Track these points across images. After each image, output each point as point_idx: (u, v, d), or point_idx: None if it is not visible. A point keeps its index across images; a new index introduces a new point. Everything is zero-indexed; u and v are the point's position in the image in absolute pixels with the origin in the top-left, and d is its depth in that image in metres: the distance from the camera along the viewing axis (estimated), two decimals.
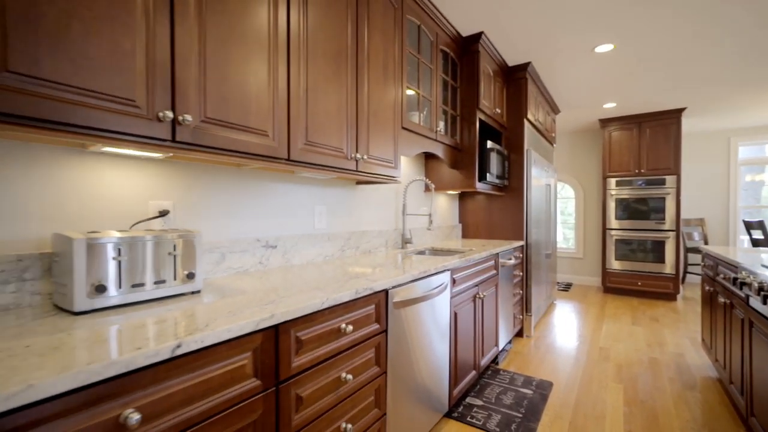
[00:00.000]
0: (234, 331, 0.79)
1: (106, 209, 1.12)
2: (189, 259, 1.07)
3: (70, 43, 0.78)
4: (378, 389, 1.31)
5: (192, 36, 1.00)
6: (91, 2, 0.81)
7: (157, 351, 0.66)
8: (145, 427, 0.66)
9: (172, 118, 0.95)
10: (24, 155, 0.96)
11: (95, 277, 0.88)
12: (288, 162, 1.32)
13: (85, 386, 0.59)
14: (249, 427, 0.85)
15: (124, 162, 1.15)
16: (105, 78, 0.84)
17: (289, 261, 1.71)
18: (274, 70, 1.24)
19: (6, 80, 0.70)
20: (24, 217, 0.96)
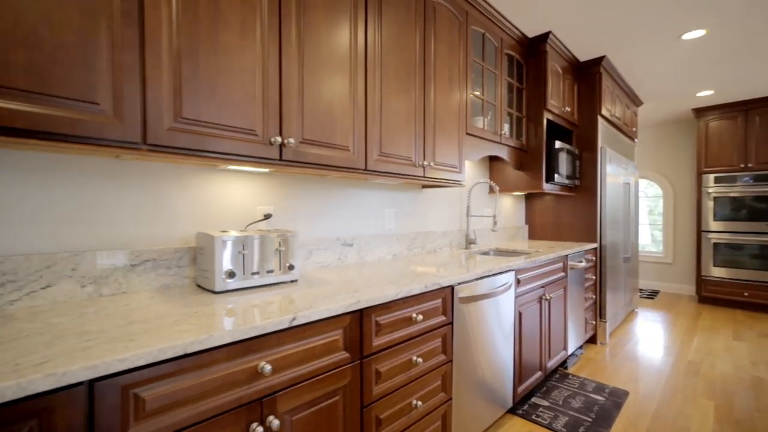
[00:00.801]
0: (331, 311, 1.00)
1: (228, 213, 1.43)
2: (289, 254, 1.33)
3: (218, 93, 1.06)
4: (444, 375, 1.45)
5: (293, 72, 1.25)
6: (230, 64, 1.08)
7: (281, 321, 0.89)
8: (273, 376, 0.89)
9: (280, 142, 1.20)
10: (176, 174, 1.29)
11: (228, 265, 1.16)
12: (365, 172, 1.52)
13: (239, 341, 0.83)
14: (341, 389, 1.06)
15: (240, 176, 1.46)
16: (237, 116, 1.11)
17: (363, 258, 1.93)
18: (354, 90, 1.45)
19: (181, 124, 0.99)
20: (177, 221, 1.29)
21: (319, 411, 1.01)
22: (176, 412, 0.75)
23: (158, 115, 0.96)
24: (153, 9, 0.94)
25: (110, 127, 0.89)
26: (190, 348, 0.75)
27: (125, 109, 0.91)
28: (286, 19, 1.22)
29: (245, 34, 1.12)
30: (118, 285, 1.15)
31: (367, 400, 1.14)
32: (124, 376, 0.68)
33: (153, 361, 0.70)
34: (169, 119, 0.98)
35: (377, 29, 1.55)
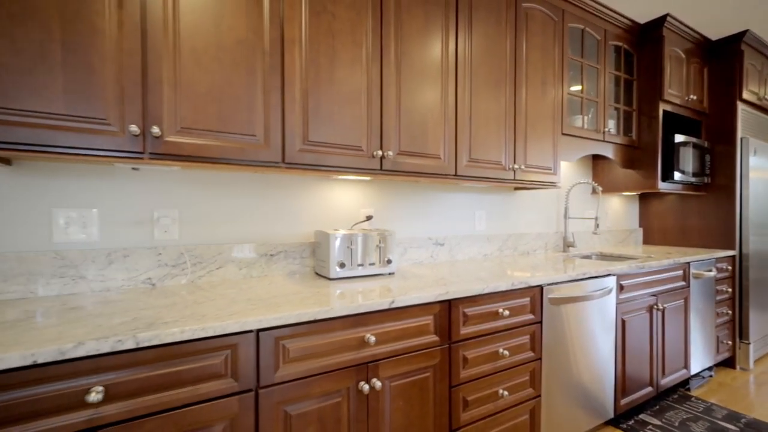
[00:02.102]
0: (422, 299, 1.17)
1: (337, 215, 1.71)
2: (387, 250, 1.54)
3: (334, 119, 1.33)
4: (533, 372, 1.48)
5: (391, 95, 1.46)
6: (342, 94, 1.34)
7: (382, 302, 1.09)
8: (377, 347, 1.10)
9: (381, 155, 1.42)
10: (300, 184, 1.62)
11: (339, 257, 1.43)
12: (455, 177, 1.65)
13: (351, 315, 1.07)
14: (431, 367, 1.22)
15: (347, 184, 1.73)
16: (347, 135, 1.36)
17: (454, 257, 2.05)
18: (445, 102, 1.60)
19: (307, 146, 1.28)
20: (300, 221, 1.62)
21: (413, 382, 1.18)
22: (308, 362, 1.01)
23: (292, 140, 1.26)
24: (290, 60, 1.24)
25: (262, 151, 1.21)
26: (318, 315, 1.00)
27: (271, 138, 1.23)
28: (386, 50, 1.44)
29: (354, 68, 1.37)
30: (262, 269, 1.51)
31: (455, 381, 1.27)
32: (276, 329, 0.96)
33: (294, 322, 0.97)
34: (299, 143, 1.28)
35: (467, 41, 1.67)
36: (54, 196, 1.20)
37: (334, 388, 1.04)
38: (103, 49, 0.99)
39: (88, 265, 1.22)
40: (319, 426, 1.02)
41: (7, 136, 0.89)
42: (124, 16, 1.01)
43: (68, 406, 0.74)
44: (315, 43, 1.29)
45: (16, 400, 0.70)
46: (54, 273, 1.18)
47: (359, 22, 1.38)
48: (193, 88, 1.10)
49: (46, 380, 0.72)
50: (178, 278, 1.35)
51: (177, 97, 1.08)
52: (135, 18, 1.02)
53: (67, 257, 1.19)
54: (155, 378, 0.82)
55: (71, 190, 1.22)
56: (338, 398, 1.05)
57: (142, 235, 1.32)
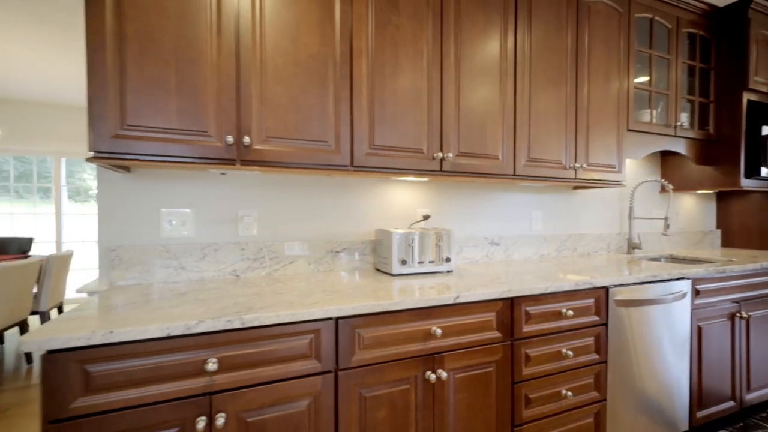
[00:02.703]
0: (485, 295, 1.21)
1: (395, 214, 1.80)
2: (445, 248, 1.59)
3: (397, 124, 1.41)
4: (597, 375, 1.46)
5: (450, 99, 1.51)
6: (404, 101, 1.42)
7: (448, 297, 1.15)
8: (442, 339, 1.16)
9: (441, 157, 1.48)
10: (361, 186, 1.72)
11: (401, 254, 1.50)
12: (513, 177, 1.66)
13: (417, 308, 1.14)
14: (493, 362, 1.25)
15: (405, 185, 1.81)
16: (409, 139, 1.44)
17: (510, 256, 2.05)
18: (503, 103, 1.62)
19: (372, 150, 1.38)
20: (361, 219, 1.72)
21: (476, 376, 1.23)
22: (379, 350, 1.09)
23: (360, 145, 1.36)
24: (358, 71, 1.34)
25: (333, 156, 1.32)
26: (389, 307, 1.08)
27: (341, 143, 1.33)
28: (446, 55, 1.49)
29: (415, 75, 1.44)
30: (328, 264, 1.63)
31: (518, 377, 1.29)
32: (353, 318, 1.06)
33: (368, 312, 1.06)
34: (366, 147, 1.37)
35: (526, 40, 1.67)
36: (161, 198, 1.40)
37: (403, 375, 1.12)
38: (206, 72, 1.15)
39: (187, 257, 1.41)
40: (390, 409, 1.10)
41: (136, 148, 1.08)
42: (222, 42, 1.16)
43: (192, 373, 0.89)
44: (380, 54, 1.38)
45: (157, 364, 0.86)
46: (162, 263, 1.38)
47: (420, 30, 1.45)
48: (275, 101, 1.24)
49: (177, 350, 0.88)
50: (257, 271, 1.52)
51: (263, 110, 1.22)
52: (230, 43, 1.17)
53: (172, 250, 1.39)
54: (255, 354, 0.95)
55: (173, 192, 1.42)
56: (407, 385, 1.13)
57: (228, 232, 1.50)
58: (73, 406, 0.80)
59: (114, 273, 1.32)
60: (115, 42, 1.05)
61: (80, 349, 0.81)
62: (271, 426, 0.97)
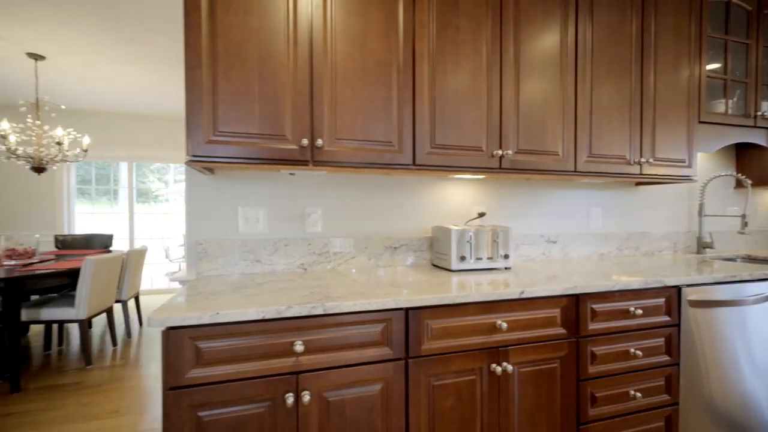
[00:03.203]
0: (550, 291, 1.22)
1: (450, 211, 1.83)
2: (504, 245, 1.60)
3: (456, 123, 1.45)
4: (669, 378, 1.40)
5: (510, 96, 1.52)
6: (464, 100, 1.45)
7: (513, 292, 1.17)
8: (507, 333, 1.19)
9: (500, 154, 1.49)
10: (418, 184, 1.77)
11: (460, 251, 1.54)
12: (574, 174, 1.63)
13: (483, 302, 1.17)
14: (558, 359, 1.26)
15: (460, 183, 1.84)
16: (469, 137, 1.47)
17: (567, 255, 2.00)
18: (564, 98, 1.59)
19: (434, 149, 1.42)
20: (418, 217, 1.78)
21: (540, 371, 1.24)
22: (446, 341, 1.14)
23: (421, 144, 1.41)
24: (420, 73, 1.40)
25: (397, 156, 1.39)
26: (456, 300, 1.12)
27: (404, 143, 1.39)
28: (505, 54, 1.50)
29: (474, 74, 1.47)
30: (387, 260, 1.71)
31: (583, 375, 1.28)
32: (422, 309, 1.11)
33: (436, 304, 1.11)
34: (427, 146, 1.42)
35: (587, 33, 1.63)
36: (238, 197, 1.55)
37: (469, 366, 1.16)
38: (283, 80, 1.26)
39: (261, 251, 1.54)
40: (456, 398, 1.15)
41: (225, 152, 1.21)
42: (298, 52, 1.27)
43: (282, 353, 0.99)
44: (441, 55, 1.42)
45: (253, 343, 0.97)
46: (240, 256, 1.52)
47: (479, 30, 1.47)
48: (344, 105, 1.32)
49: (269, 332, 0.98)
50: (323, 265, 1.62)
51: (333, 114, 1.31)
52: (305, 53, 1.27)
53: (248, 244, 1.53)
54: (335, 339, 1.03)
55: (248, 192, 1.56)
56: (473, 376, 1.17)
57: (296, 228, 1.61)
58: (188, 376, 0.93)
59: (201, 264, 1.48)
60: (209, 59, 1.19)
61: (193, 327, 0.93)
62: (349, 406, 1.05)
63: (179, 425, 0.92)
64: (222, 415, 0.95)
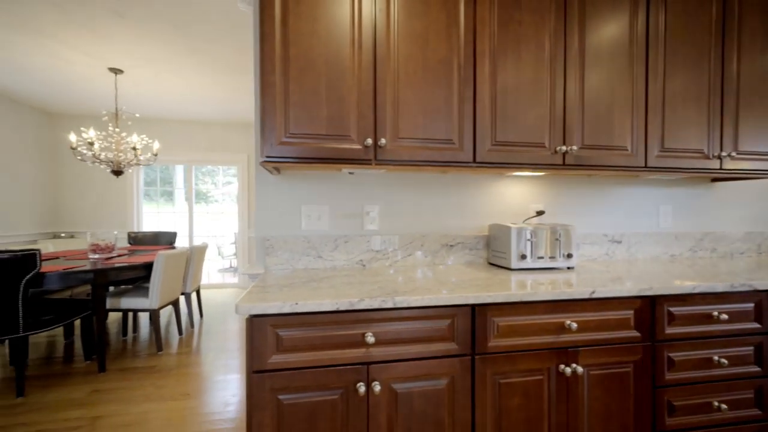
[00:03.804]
0: (622, 292, 1.17)
1: (506, 210, 1.80)
2: (566, 244, 1.55)
3: (518, 119, 1.42)
4: (759, 390, 1.28)
5: (574, 89, 1.47)
6: (525, 95, 1.43)
7: (583, 291, 1.14)
8: (576, 334, 1.15)
9: (564, 150, 1.45)
10: (474, 182, 1.76)
11: (520, 249, 1.51)
12: (644, 169, 1.54)
13: (551, 300, 1.15)
14: (631, 363, 1.20)
15: (518, 180, 1.80)
16: (532, 133, 1.44)
17: (633, 255, 1.89)
18: (633, 89, 1.51)
19: (494, 146, 1.41)
20: (474, 215, 1.76)
21: (612, 374, 1.19)
22: (513, 339, 1.13)
23: (482, 141, 1.41)
24: (481, 71, 1.39)
25: (457, 153, 1.39)
26: (524, 298, 1.11)
27: (464, 141, 1.40)
28: (569, 46, 1.46)
29: (537, 68, 1.43)
30: (443, 258, 1.71)
31: (659, 382, 1.21)
32: (488, 306, 1.11)
33: (503, 301, 1.11)
34: (488, 144, 1.41)
35: (660, 19, 1.53)
36: (302, 195, 1.62)
37: (536, 365, 1.14)
38: (349, 83, 1.31)
39: (322, 247, 1.61)
40: (523, 397, 1.13)
41: (295, 152, 1.28)
42: (362, 55, 1.31)
43: (353, 343, 1.04)
44: (502, 52, 1.41)
45: (328, 333, 1.02)
46: (303, 252, 1.60)
47: (542, 24, 1.44)
48: (406, 105, 1.35)
49: (342, 323, 1.03)
50: (381, 261, 1.66)
51: (395, 114, 1.34)
52: (369, 55, 1.32)
53: (311, 241, 1.60)
54: (403, 332, 1.06)
55: (311, 191, 1.63)
56: (540, 376, 1.14)
57: (355, 225, 1.67)
58: (269, 361, 1.00)
59: (268, 259, 1.57)
60: (282, 65, 1.26)
61: (274, 316, 1.00)
62: (416, 398, 1.07)
63: (262, 405, 0.99)
64: (299, 399, 1.01)
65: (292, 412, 1.01)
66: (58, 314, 2.44)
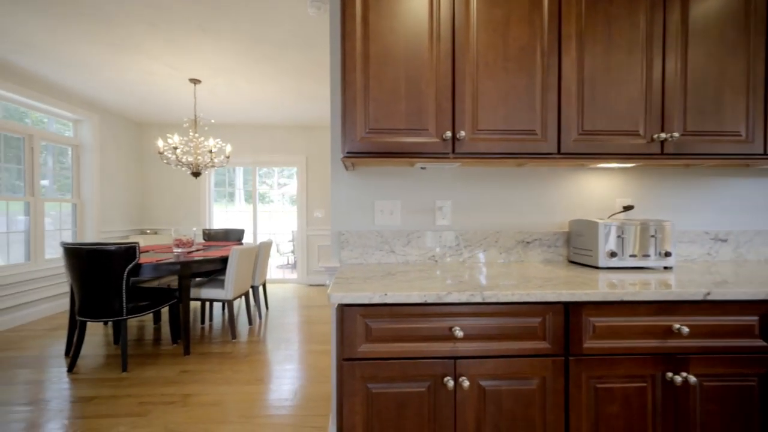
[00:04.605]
0: (748, 294, 1.03)
1: (587, 204, 1.68)
2: (663, 242, 1.41)
3: (608, 106, 1.32)
4: None
5: (673, 71, 1.33)
6: (617, 80, 1.32)
7: (696, 292, 1.02)
8: (688, 339, 1.04)
9: (662, 138, 1.32)
10: (552, 175, 1.66)
11: (610, 246, 1.40)
12: (763, 157, 1.35)
13: (655, 301, 1.04)
14: (755, 377, 1.05)
15: (601, 172, 1.67)
16: (624, 120, 1.32)
17: (742, 256, 1.67)
18: (748, 65, 1.33)
19: (581, 136, 1.32)
20: (552, 210, 1.67)
21: (732, 388, 1.05)
22: (611, 341, 1.05)
23: (567, 131, 1.32)
24: (566, 56, 1.31)
25: (540, 144, 1.32)
26: (624, 297, 1.02)
27: (548, 131, 1.32)
28: (669, 21, 1.32)
29: (630, 50, 1.32)
30: (519, 255, 1.64)
31: None
32: (584, 305, 1.04)
33: (601, 300, 1.03)
34: (574, 133, 1.33)
35: None
36: (374, 191, 1.65)
37: (638, 371, 1.05)
38: (427, 76, 1.30)
39: (395, 242, 1.62)
40: (623, 405, 1.05)
41: (375, 147, 1.30)
42: (441, 47, 1.30)
43: (440, 337, 1.03)
44: (590, 34, 1.32)
45: (415, 326, 1.02)
46: (376, 247, 1.62)
47: (637, 2, 1.32)
48: (485, 96, 1.31)
49: (429, 315, 1.03)
50: (453, 257, 1.63)
51: (475, 106, 1.31)
52: (447, 47, 1.30)
53: (383, 236, 1.62)
54: (491, 328, 1.03)
55: (383, 186, 1.65)
56: (643, 383, 1.05)
57: (427, 221, 1.66)
58: (359, 349, 1.02)
59: (343, 253, 1.62)
60: (362, 62, 1.29)
61: (363, 306, 1.02)
62: (505, 397, 1.04)
63: (352, 392, 1.02)
64: (388, 389, 1.03)
65: (380, 401, 1.02)
66: (153, 301, 2.73)
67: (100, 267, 2.42)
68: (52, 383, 2.36)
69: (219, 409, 2.06)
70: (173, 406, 2.08)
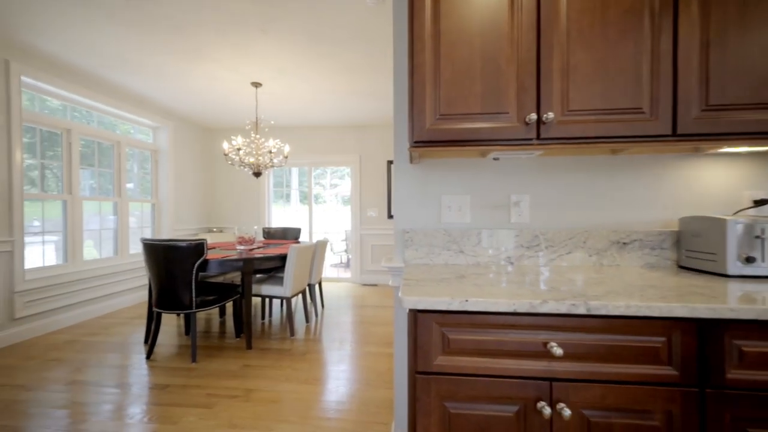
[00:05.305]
0: None
1: (704, 200, 1.38)
2: None
3: (746, 70, 1.05)
4: None
5: None
6: (759, 42, 1.05)
7: None
8: None
9: None
10: (654, 164, 1.40)
11: (743, 249, 1.12)
12: None
13: None
14: None
15: (721, 159, 1.37)
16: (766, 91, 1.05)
17: None
18: None
19: (705, 112, 1.06)
20: (656, 206, 1.40)
21: None
22: (765, 372, 0.80)
23: (686, 107, 1.08)
24: (685, 13, 1.07)
25: (648, 125, 1.09)
26: None
27: (660, 109, 1.09)
28: None
29: None
30: (613, 258, 1.40)
31: None
32: (730, 324, 0.81)
33: (750, 318, 0.79)
34: (696, 110, 1.08)
35: None
36: (440, 185, 1.51)
37: None
38: (507, 51, 1.13)
39: (464, 241, 1.47)
40: None
41: (446, 135, 1.16)
42: (523, 17, 1.12)
43: (533, 354, 0.86)
44: None
45: (502, 337, 0.87)
46: (443, 246, 1.48)
47: None
48: (578, 70, 1.11)
49: (519, 327, 0.87)
50: (532, 259, 1.44)
51: (565, 83, 1.12)
52: (531, 16, 1.12)
53: (451, 234, 1.48)
54: (599, 346, 0.85)
55: (450, 180, 1.50)
56: None
57: (500, 217, 1.48)
58: (435, 362, 0.89)
59: (407, 252, 1.50)
60: (432, 42, 1.16)
61: (439, 313, 0.89)
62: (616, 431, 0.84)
63: (426, 412, 0.89)
64: (468, 410, 0.89)
65: (460, 424, 0.89)
66: (219, 296, 2.84)
67: (173, 261, 2.56)
68: (133, 369, 2.54)
69: (278, 406, 2.05)
70: (237, 400, 2.12)
